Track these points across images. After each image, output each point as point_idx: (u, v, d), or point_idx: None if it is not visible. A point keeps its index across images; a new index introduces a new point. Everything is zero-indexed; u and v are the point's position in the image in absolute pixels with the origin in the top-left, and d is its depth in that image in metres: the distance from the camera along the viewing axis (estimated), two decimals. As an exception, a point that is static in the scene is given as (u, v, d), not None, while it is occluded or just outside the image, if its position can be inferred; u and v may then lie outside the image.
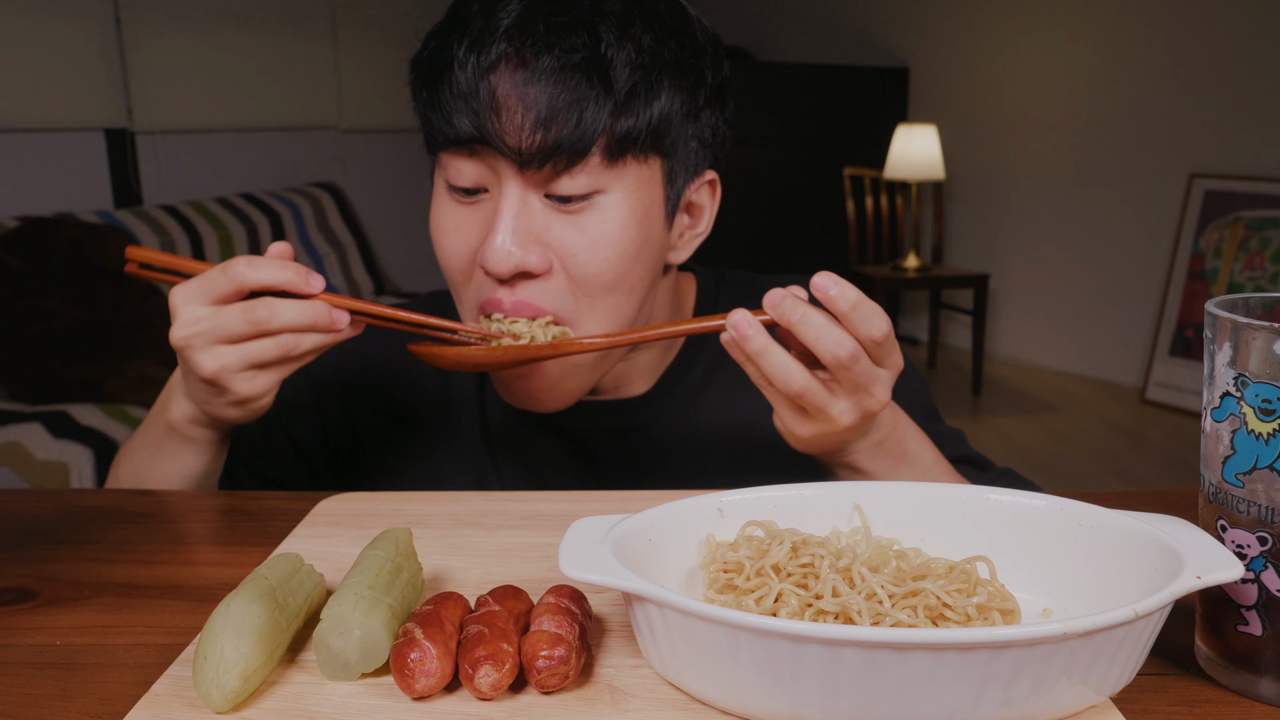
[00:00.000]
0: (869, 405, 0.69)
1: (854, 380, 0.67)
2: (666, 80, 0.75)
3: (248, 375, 0.72)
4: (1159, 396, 4.30)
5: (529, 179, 0.74)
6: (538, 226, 0.76)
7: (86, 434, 2.53)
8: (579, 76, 0.72)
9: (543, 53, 0.72)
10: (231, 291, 0.71)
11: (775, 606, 0.53)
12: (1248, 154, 4.09)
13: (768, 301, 0.68)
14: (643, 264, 0.79)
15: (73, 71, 3.52)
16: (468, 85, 0.73)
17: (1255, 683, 0.51)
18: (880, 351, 0.68)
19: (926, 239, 5.34)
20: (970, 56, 5.13)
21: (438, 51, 0.76)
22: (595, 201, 0.76)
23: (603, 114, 0.72)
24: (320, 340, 0.72)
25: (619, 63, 0.73)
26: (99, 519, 0.77)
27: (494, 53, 0.72)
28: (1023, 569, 0.57)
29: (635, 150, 0.75)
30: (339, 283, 4.09)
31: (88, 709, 0.50)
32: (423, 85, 0.77)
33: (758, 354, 0.67)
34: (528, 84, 0.72)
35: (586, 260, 0.76)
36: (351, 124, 4.56)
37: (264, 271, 0.70)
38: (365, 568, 0.54)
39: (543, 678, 0.49)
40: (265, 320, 0.70)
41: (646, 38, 0.75)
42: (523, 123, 0.72)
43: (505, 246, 0.74)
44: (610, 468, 0.91)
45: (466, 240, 0.78)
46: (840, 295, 0.66)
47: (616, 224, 0.76)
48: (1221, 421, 0.50)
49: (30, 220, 3.03)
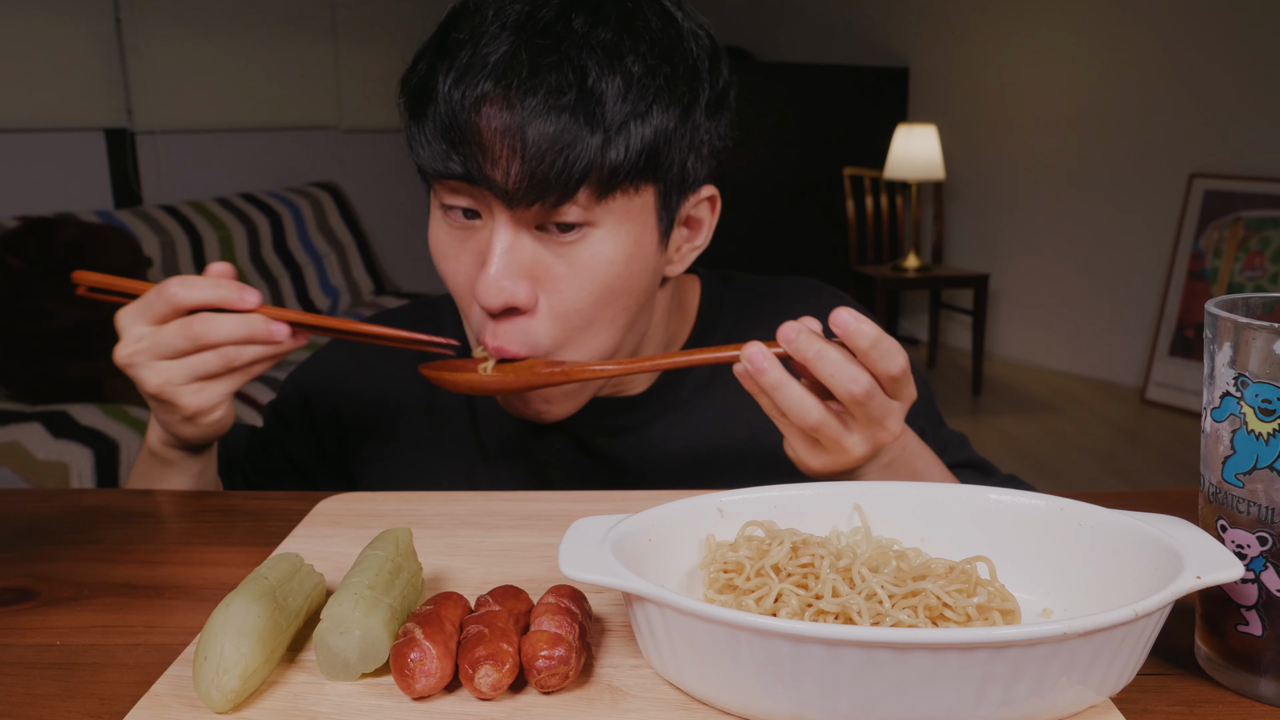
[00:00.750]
0: (881, 437, 0.70)
1: (868, 414, 0.68)
2: (657, 109, 0.73)
3: (193, 388, 0.74)
4: (1159, 396, 4.30)
5: (518, 215, 0.74)
6: (527, 260, 0.75)
7: (86, 434, 2.53)
8: (566, 116, 0.70)
9: (529, 94, 0.70)
10: (169, 311, 0.73)
11: (775, 607, 0.53)
12: (1248, 154, 4.09)
13: (782, 336, 0.67)
14: (630, 295, 0.78)
15: (73, 71, 3.52)
16: (452, 121, 0.72)
17: (1255, 683, 0.51)
18: (896, 386, 0.68)
19: (926, 239, 5.34)
20: (970, 56, 5.14)
21: (424, 79, 0.74)
22: (586, 234, 0.75)
23: (590, 151, 0.71)
24: (261, 351, 0.74)
25: (609, 96, 0.71)
26: (99, 519, 0.77)
27: (479, 90, 0.70)
28: (1023, 569, 0.57)
29: (625, 183, 0.74)
30: (339, 283, 4.08)
31: (88, 709, 0.50)
32: (408, 112, 0.76)
33: (773, 388, 0.67)
34: (513, 124, 0.70)
35: (572, 295, 0.76)
36: (351, 124, 4.56)
37: (197, 290, 0.73)
38: (365, 568, 0.54)
39: (543, 678, 0.49)
40: (203, 335, 0.72)
41: (637, 67, 0.72)
42: (509, 163, 0.71)
43: (497, 283, 0.74)
44: (608, 467, 0.91)
45: (465, 267, 0.78)
46: (859, 332, 0.66)
47: (604, 258, 0.75)
48: (1221, 421, 0.50)
49: (30, 220, 3.03)
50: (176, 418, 0.77)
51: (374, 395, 0.95)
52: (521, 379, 0.76)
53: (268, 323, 0.73)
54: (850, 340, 0.66)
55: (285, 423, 0.96)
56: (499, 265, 0.74)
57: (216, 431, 0.80)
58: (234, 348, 0.73)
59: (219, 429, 0.80)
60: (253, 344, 0.74)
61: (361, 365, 0.95)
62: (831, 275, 5.13)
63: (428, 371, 0.78)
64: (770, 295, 0.97)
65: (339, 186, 4.36)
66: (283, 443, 0.96)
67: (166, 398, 0.75)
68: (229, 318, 0.73)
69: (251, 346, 0.74)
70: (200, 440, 0.81)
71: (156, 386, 0.74)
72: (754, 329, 0.91)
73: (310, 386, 0.96)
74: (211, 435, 0.80)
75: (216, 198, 3.82)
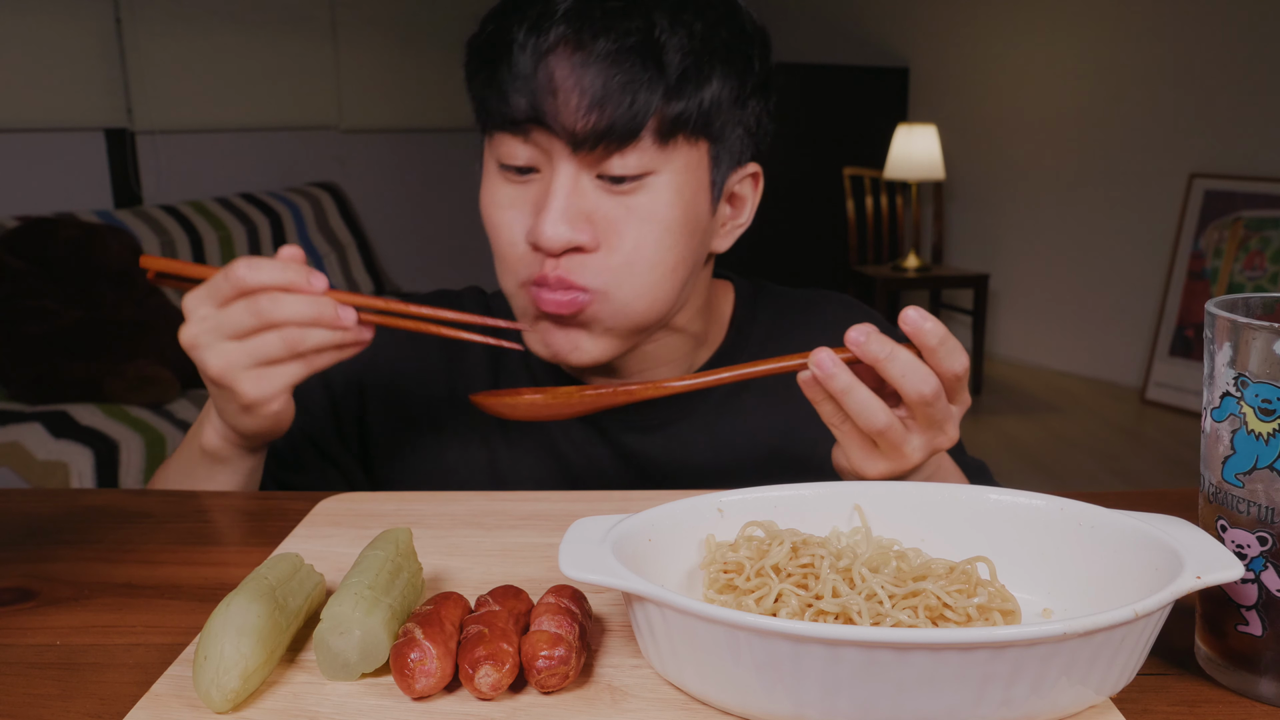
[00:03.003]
0: (939, 443, 0.70)
1: (931, 417, 0.68)
2: (717, 66, 0.78)
3: (254, 374, 0.72)
4: (1159, 396, 4.30)
5: (581, 160, 0.77)
6: (588, 206, 0.78)
7: (86, 434, 2.53)
8: (633, 59, 0.74)
9: (598, 36, 0.74)
10: (234, 294, 0.71)
11: (775, 607, 0.53)
12: (1248, 154, 4.09)
13: (851, 339, 0.67)
14: (687, 245, 0.81)
15: (73, 71, 3.51)
16: (526, 67, 0.75)
17: (1255, 683, 0.51)
18: (957, 387, 0.69)
19: (926, 239, 5.34)
20: (970, 56, 5.13)
21: (496, 34, 0.77)
22: (646, 182, 0.78)
23: (655, 97, 0.75)
24: (326, 338, 0.72)
25: (671, 47, 0.75)
26: (99, 519, 0.77)
27: (552, 36, 0.74)
28: (1023, 569, 0.57)
29: (686, 132, 0.78)
30: (339, 283, 4.08)
31: (88, 709, 0.50)
32: (480, 66, 0.79)
33: (843, 391, 0.67)
34: (583, 66, 0.74)
35: (634, 238, 0.78)
36: (351, 124, 4.56)
37: (263, 272, 0.70)
38: (365, 568, 0.54)
39: (543, 678, 0.49)
40: (267, 311, 0.70)
41: (698, 24, 0.77)
42: (578, 104, 0.74)
43: (558, 223, 0.76)
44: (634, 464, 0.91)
45: (518, 218, 0.80)
46: (931, 330, 0.66)
47: (664, 203, 0.79)
48: (1221, 421, 0.50)
49: (30, 220, 3.03)
50: (235, 406, 0.74)
51: (396, 379, 0.94)
52: (586, 401, 0.75)
53: (336, 306, 0.71)
54: (919, 337, 0.66)
55: (311, 414, 0.94)
56: (561, 205, 0.76)
57: (274, 426, 0.77)
58: (298, 330, 0.71)
59: (277, 425, 0.77)
60: (318, 327, 0.71)
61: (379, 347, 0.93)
62: (831, 275, 5.14)
63: (481, 401, 0.76)
64: (800, 309, 0.98)
65: (339, 186, 4.35)
66: (312, 436, 0.94)
67: (226, 383, 0.72)
68: (296, 298, 0.70)
69: (316, 331, 0.71)
70: (259, 435, 0.78)
71: (219, 370, 0.71)
72: (783, 342, 0.92)
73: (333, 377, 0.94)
74: (269, 431, 0.78)
75: (216, 198, 3.82)
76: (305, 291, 0.71)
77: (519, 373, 0.94)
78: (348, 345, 0.73)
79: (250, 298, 0.70)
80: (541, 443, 0.92)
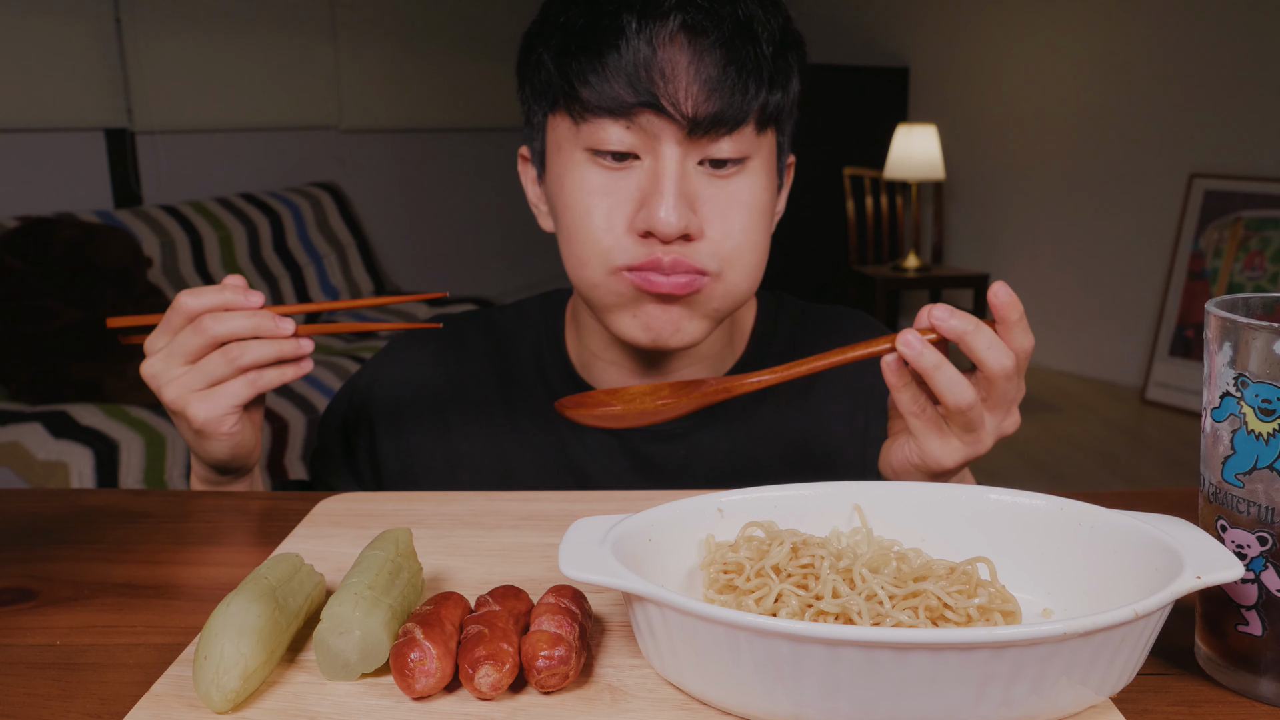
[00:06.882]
0: (1005, 427, 0.71)
1: (1003, 396, 0.68)
2: (795, 59, 0.83)
3: (201, 396, 0.75)
4: (1159, 396, 4.30)
5: (688, 145, 0.78)
6: (692, 192, 0.80)
7: (86, 434, 2.52)
8: (744, 47, 0.77)
9: (711, 25, 0.77)
10: (183, 322, 0.75)
11: (775, 607, 0.53)
12: (1248, 154, 4.09)
13: (937, 316, 0.67)
14: (769, 230, 0.86)
15: (73, 71, 3.51)
16: (641, 54, 0.76)
17: (1255, 683, 0.51)
18: (1024, 368, 0.69)
19: (926, 239, 5.34)
20: (970, 56, 5.14)
21: (598, 21, 0.78)
22: (745, 166, 0.81)
23: (762, 84, 0.78)
24: (265, 350, 0.74)
25: (764, 39, 0.79)
26: (99, 519, 0.77)
27: (669, 24, 0.77)
28: (1023, 569, 0.57)
29: (772, 123, 0.82)
30: (339, 283, 4.08)
31: (88, 709, 0.50)
32: (577, 53, 0.78)
33: (933, 369, 0.67)
34: (700, 53, 0.77)
35: (739, 221, 0.81)
36: (351, 124, 4.56)
37: (205, 297, 0.74)
38: (365, 568, 0.54)
39: (543, 678, 0.49)
40: (210, 328, 0.74)
41: (780, 18, 0.81)
42: (695, 91, 0.76)
43: (676, 209, 0.77)
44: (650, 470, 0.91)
45: (619, 204, 0.80)
46: (1013, 304, 0.67)
47: (760, 187, 0.82)
48: (1221, 421, 0.50)
49: (30, 220, 3.03)
50: (192, 433, 0.78)
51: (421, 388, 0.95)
52: (681, 404, 0.73)
53: (274, 317, 0.75)
54: (1003, 310, 0.67)
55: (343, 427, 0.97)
56: (673, 190, 0.78)
57: (235, 452, 0.79)
58: (238, 346, 0.74)
59: (237, 451, 0.79)
60: (259, 337, 0.74)
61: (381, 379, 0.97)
62: (831, 275, 5.13)
63: (567, 409, 0.73)
64: (820, 324, 0.99)
65: (339, 186, 4.35)
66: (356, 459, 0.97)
67: (179, 408, 0.75)
68: (236, 314, 0.74)
69: (255, 344, 0.74)
70: (225, 462, 0.80)
71: (172, 397, 0.75)
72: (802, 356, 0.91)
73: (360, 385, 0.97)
74: (231, 456, 0.80)
75: (216, 198, 3.82)
76: (243, 308, 0.75)
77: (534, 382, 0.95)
78: (288, 358, 0.76)
79: (196, 320, 0.74)
80: (558, 455, 0.92)
